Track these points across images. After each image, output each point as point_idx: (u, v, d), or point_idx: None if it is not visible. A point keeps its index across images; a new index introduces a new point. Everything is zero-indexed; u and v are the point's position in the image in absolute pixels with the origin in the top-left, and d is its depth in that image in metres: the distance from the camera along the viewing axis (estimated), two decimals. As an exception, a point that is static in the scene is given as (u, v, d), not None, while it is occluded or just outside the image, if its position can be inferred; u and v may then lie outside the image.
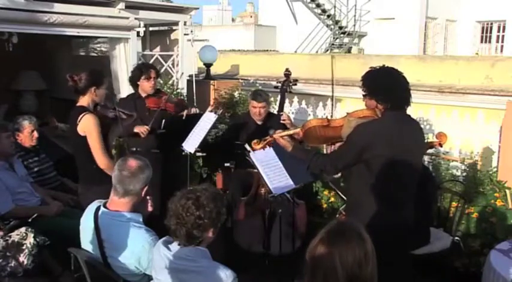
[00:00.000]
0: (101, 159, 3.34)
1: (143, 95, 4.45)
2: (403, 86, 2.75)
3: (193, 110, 4.59)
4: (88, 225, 2.69)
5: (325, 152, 4.98)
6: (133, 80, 4.48)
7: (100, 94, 3.47)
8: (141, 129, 4.20)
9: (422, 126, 5.76)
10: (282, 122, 4.35)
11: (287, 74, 4.43)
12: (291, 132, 3.08)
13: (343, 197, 4.62)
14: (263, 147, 3.12)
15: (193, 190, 2.27)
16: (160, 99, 4.40)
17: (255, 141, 3.11)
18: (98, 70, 3.67)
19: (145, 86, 4.42)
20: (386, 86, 2.74)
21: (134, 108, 4.11)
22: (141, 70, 4.43)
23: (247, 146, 3.40)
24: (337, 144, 3.08)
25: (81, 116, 3.32)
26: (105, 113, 3.58)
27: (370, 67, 2.83)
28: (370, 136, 2.68)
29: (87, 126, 3.32)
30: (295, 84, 4.47)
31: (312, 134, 2.98)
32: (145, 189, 2.68)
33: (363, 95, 2.84)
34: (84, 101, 3.42)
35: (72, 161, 3.59)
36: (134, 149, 4.22)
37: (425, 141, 3.99)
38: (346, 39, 18.31)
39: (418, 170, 2.85)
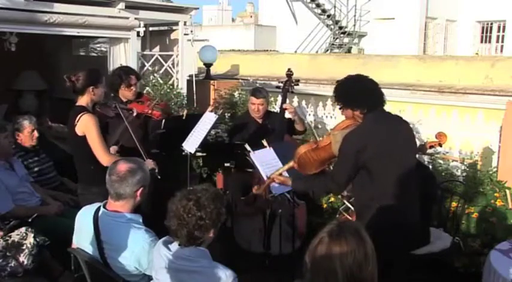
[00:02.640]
0: (102, 157, 3.30)
1: (124, 100, 4.22)
2: (372, 87, 2.81)
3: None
4: (87, 226, 2.69)
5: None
6: (113, 88, 4.20)
7: (98, 93, 3.45)
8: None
9: (422, 126, 5.78)
10: (286, 111, 4.34)
11: (289, 74, 4.42)
12: (285, 167, 3.09)
13: (345, 201, 4.64)
14: (264, 191, 3.19)
15: (193, 191, 2.27)
16: (144, 106, 4.22)
17: (255, 187, 3.19)
18: (95, 69, 3.65)
19: (126, 94, 4.22)
20: (355, 93, 2.80)
21: None
22: (121, 77, 4.19)
23: (247, 146, 3.40)
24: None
25: (79, 116, 3.31)
26: (105, 111, 3.57)
27: (337, 81, 2.89)
28: (358, 141, 2.70)
29: (86, 126, 3.30)
30: (297, 85, 4.47)
31: (306, 162, 2.97)
32: (140, 191, 2.65)
33: (339, 108, 2.90)
34: (82, 100, 3.41)
35: (71, 161, 3.59)
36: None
37: (425, 141, 4.01)
38: (346, 39, 18.31)
39: (413, 165, 2.85)
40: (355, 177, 2.76)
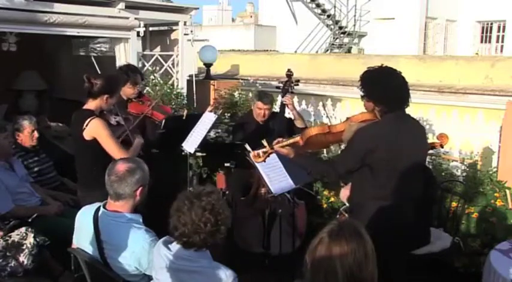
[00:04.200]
0: (121, 155, 3.22)
1: (124, 98, 4.25)
2: (401, 86, 2.74)
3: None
4: (87, 226, 2.69)
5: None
6: None
7: (110, 102, 3.41)
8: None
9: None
10: (285, 105, 4.34)
11: (289, 74, 4.42)
12: (290, 141, 3.04)
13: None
14: (264, 160, 3.05)
15: (199, 194, 2.23)
16: (145, 106, 4.24)
17: (255, 154, 3.03)
18: (115, 78, 3.61)
19: (129, 92, 4.26)
20: (383, 88, 2.73)
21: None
22: (128, 75, 4.22)
23: (247, 146, 3.39)
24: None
25: (88, 120, 3.24)
26: (108, 119, 3.53)
27: (368, 67, 2.82)
28: (372, 140, 2.67)
29: (96, 130, 3.24)
30: (297, 85, 4.47)
31: (313, 142, 2.96)
32: (139, 190, 2.65)
33: (361, 96, 2.85)
34: (92, 104, 3.34)
35: (71, 161, 3.58)
36: None
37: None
38: (346, 39, 18.31)
39: (420, 170, 2.85)
40: (356, 170, 2.75)
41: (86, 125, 3.24)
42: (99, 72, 3.42)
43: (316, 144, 3.01)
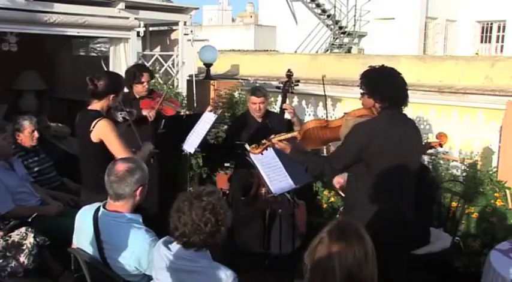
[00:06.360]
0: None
1: (137, 96, 4.47)
2: (402, 86, 2.79)
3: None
4: (87, 226, 2.69)
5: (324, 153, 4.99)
6: (127, 83, 4.34)
7: (116, 100, 3.36)
8: (150, 113, 4.29)
9: (422, 126, 5.78)
10: (285, 111, 4.35)
11: (289, 74, 4.42)
12: (288, 135, 3.05)
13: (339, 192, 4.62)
14: (261, 152, 3.06)
15: (199, 194, 2.22)
16: (155, 101, 4.41)
17: (253, 146, 3.05)
18: (118, 75, 3.61)
19: (138, 89, 4.46)
20: (386, 86, 2.77)
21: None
22: (135, 74, 4.43)
23: (247, 146, 3.40)
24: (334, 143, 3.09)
25: (95, 122, 3.15)
26: (115, 116, 3.50)
27: (369, 66, 2.86)
28: (368, 135, 2.69)
29: (103, 132, 3.16)
30: (297, 85, 4.47)
31: (310, 136, 2.98)
32: (139, 190, 2.64)
33: (361, 93, 2.86)
34: (98, 105, 3.27)
35: (71, 161, 3.57)
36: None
37: (426, 141, 4.01)
38: (346, 39, 18.32)
39: (415, 169, 2.86)
40: (351, 166, 2.77)
41: (93, 127, 3.15)
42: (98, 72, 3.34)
43: (313, 140, 3.02)
